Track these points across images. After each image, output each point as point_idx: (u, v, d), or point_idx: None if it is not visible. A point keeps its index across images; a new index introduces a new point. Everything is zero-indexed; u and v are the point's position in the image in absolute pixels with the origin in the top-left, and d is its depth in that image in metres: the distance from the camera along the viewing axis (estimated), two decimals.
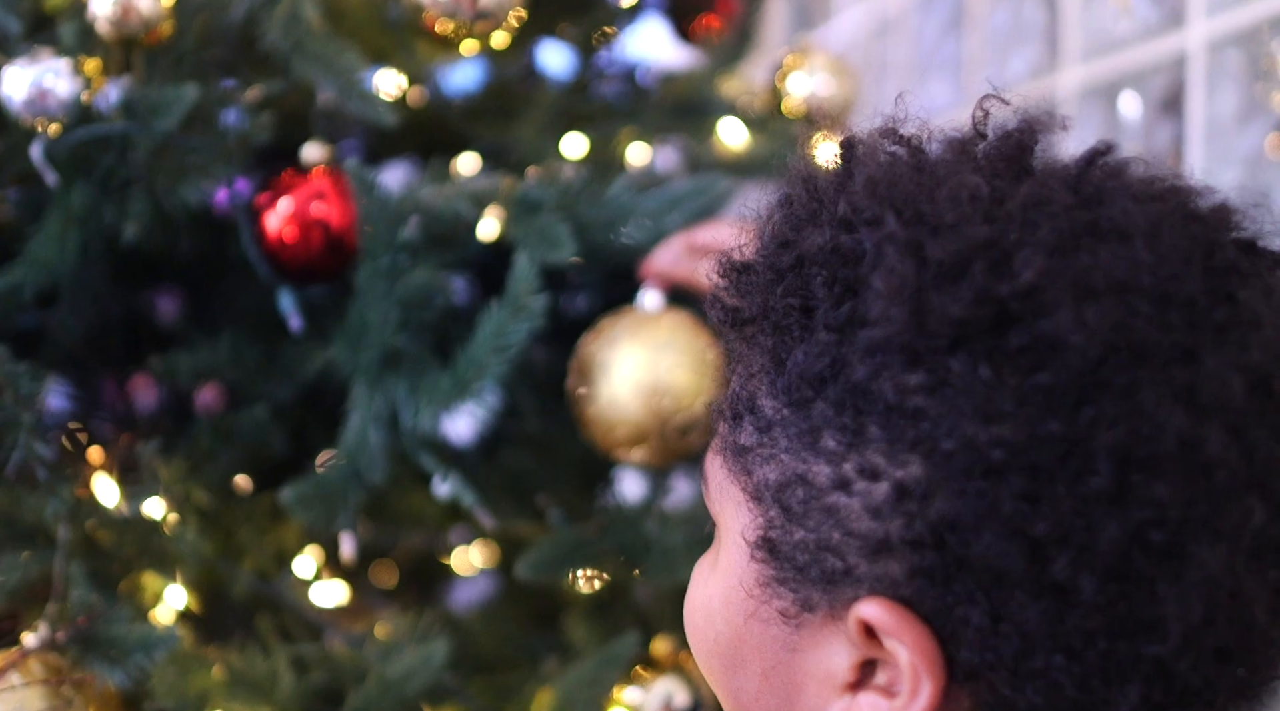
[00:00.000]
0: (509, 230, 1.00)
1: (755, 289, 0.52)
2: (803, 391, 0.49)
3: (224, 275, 1.12)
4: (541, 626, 1.36)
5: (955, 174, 0.49)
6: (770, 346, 0.51)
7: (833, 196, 0.50)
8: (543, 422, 1.10)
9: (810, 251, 0.49)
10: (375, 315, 0.90)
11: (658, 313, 0.96)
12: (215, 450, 1.00)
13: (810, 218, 0.51)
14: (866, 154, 0.52)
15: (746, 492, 0.53)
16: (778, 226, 0.52)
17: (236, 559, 1.06)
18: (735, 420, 0.53)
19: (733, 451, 0.53)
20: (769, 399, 0.51)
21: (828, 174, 0.52)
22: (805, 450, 0.49)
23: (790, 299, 0.50)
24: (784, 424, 0.50)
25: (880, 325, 0.45)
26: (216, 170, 0.91)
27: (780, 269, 0.51)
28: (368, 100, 0.96)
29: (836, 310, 0.48)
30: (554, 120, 1.21)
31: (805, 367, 0.48)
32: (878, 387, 0.46)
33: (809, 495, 0.49)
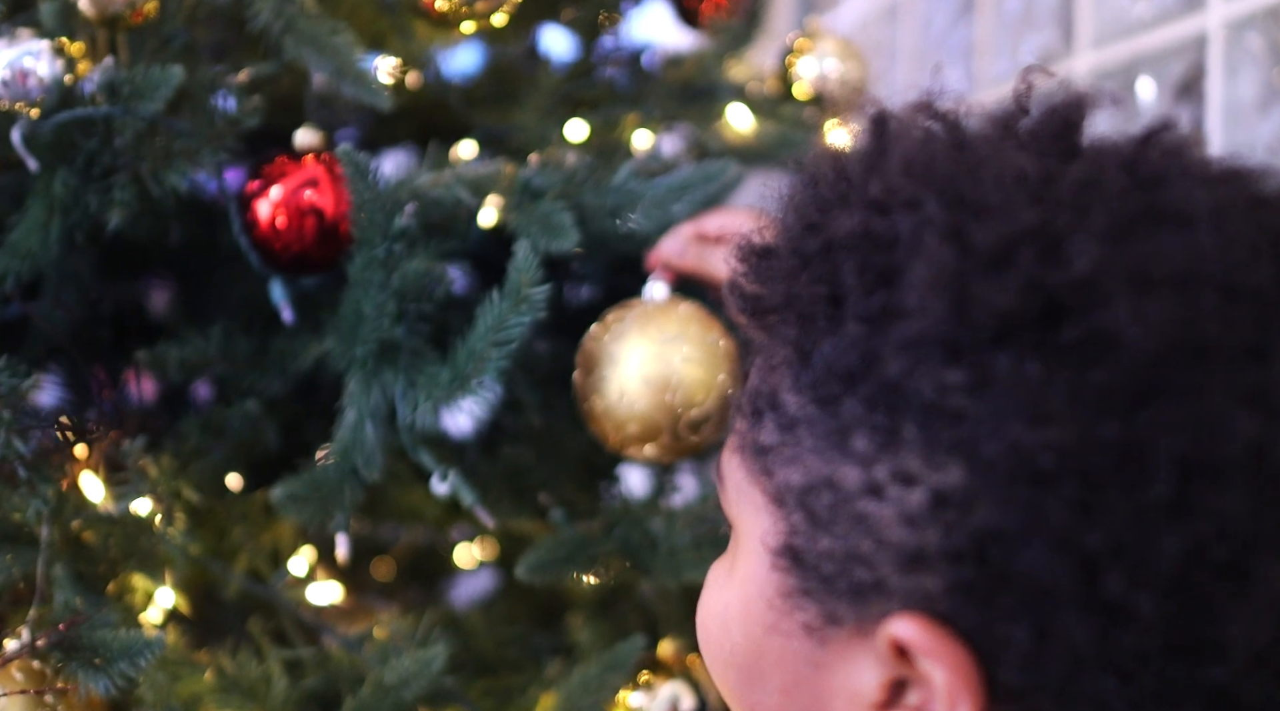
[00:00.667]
0: (509, 218, 0.96)
1: (778, 275, 0.49)
2: (830, 387, 0.45)
3: (216, 265, 1.09)
4: (544, 625, 1.33)
5: (999, 152, 0.45)
6: (794, 337, 0.47)
7: (863, 176, 0.47)
8: (545, 417, 1.07)
9: (839, 236, 0.46)
10: (370, 306, 0.86)
11: (666, 304, 0.93)
12: (205, 446, 0.96)
13: (839, 199, 0.47)
14: (900, 130, 0.48)
15: (767, 495, 0.49)
16: (803, 209, 0.49)
17: (229, 559, 1.03)
18: (755, 417, 0.50)
19: (752, 450, 0.50)
20: (792, 394, 0.47)
21: (857, 152, 0.49)
22: (833, 451, 0.45)
23: (816, 286, 0.46)
24: (809, 422, 0.46)
25: (917, 317, 0.42)
26: (204, 156, 0.87)
27: (806, 254, 0.47)
28: (363, 83, 0.92)
29: (868, 300, 0.44)
30: (556, 105, 1.18)
31: (833, 362, 0.45)
32: (914, 385, 0.42)
33: (836, 500, 0.45)
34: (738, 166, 0.97)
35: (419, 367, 0.90)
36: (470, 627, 1.21)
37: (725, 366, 0.90)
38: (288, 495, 0.84)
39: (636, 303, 0.94)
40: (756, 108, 1.18)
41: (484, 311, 0.85)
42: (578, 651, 1.12)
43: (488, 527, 0.92)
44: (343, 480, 0.89)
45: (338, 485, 0.88)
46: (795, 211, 0.49)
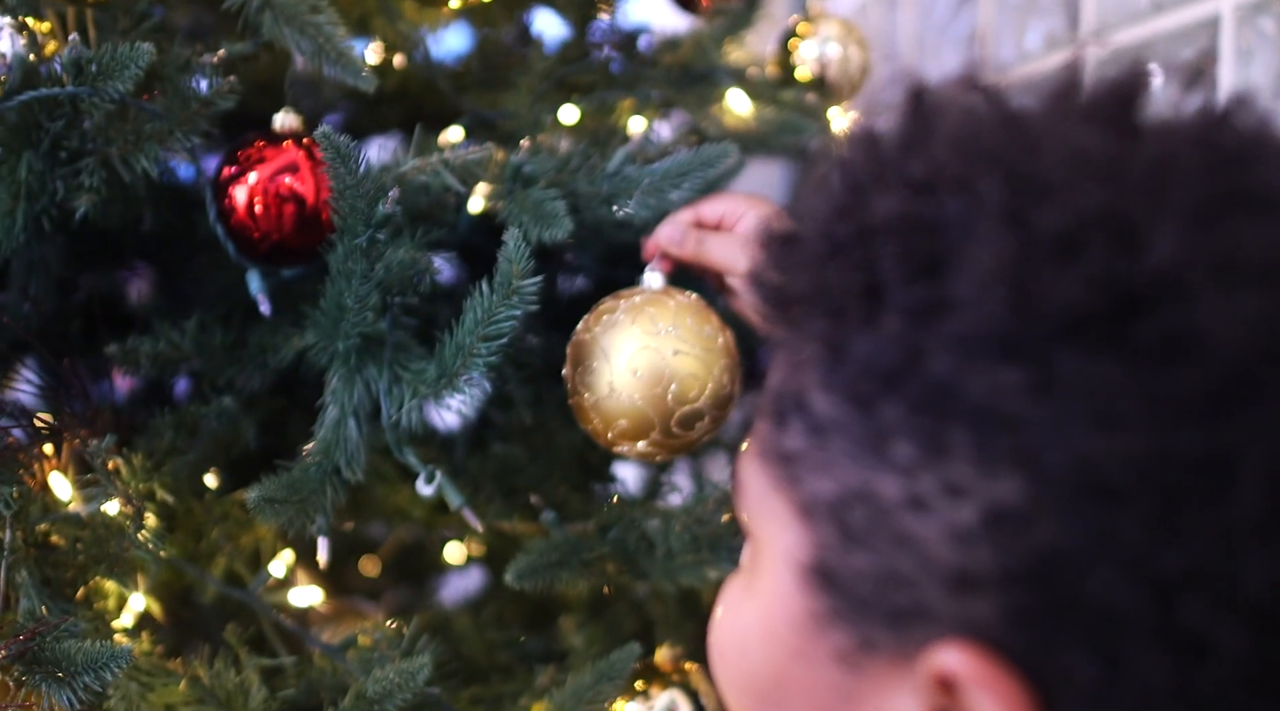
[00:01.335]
0: (499, 205, 0.92)
1: (804, 264, 0.44)
2: (866, 387, 0.41)
3: (193, 255, 1.04)
4: (535, 628, 1.29)
5: (1057, 128, 0.41)
6: (823, 331, 0.43)
7: (902, 155, 0.42)
8: (536, 414, 1.02)
9: (876, 220, 0.41)
10: (352, 298, 0.82)
11: (660, 294, 0.88)
12: (179, 444, 0.91)
13: (875, 180, 0.42)
14: (941, 105, 0.44)
15: (794, 506, 0.44)
16: (832, 192, 0.44)
17: (205, 562, 0.98)
18: (779, 419, 0.45)
19: (776, 456, 0.45)
20: (822, 394, 0.43)
21: (893, 129, 0.44)
22: (869, 458, 0.41)
23: (849, 276, 0.41)
24: (842, 426, 0.42)
25: (970, 309, 0.37)
26: (177, 139, 0.82)
27: (837, 240, 0.42)
28: (346, 63, 0.87)
29: (911, 290, 0.39)
30: (549, 89, 1.13)
31: (870, 359, 0.40)
32: (965, 386, 0.38)
33: (874, 514, 0.41)
34: (738, 151, 0.92)
35: (404, 363, 0.86)
36: (459, 631, 1.16)
37: (722, 360, 0.86)
38: (264, 498, 0.79)
39: (629, 292, 0.90)
40: (756, 92, 1.14)
41: (472, 304, 0.81)
42: (571, 657, 1.08)
43: (476, 531, 0.88)
44: (323, 481, 0.85)
45: (318, 487, 0.84)
46: (823, 194, 0.45)
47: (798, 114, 1.09)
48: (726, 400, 0.87)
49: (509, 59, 1.20)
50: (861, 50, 1.20)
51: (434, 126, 1.09)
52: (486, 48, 1.21)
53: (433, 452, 1.01)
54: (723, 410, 0.88)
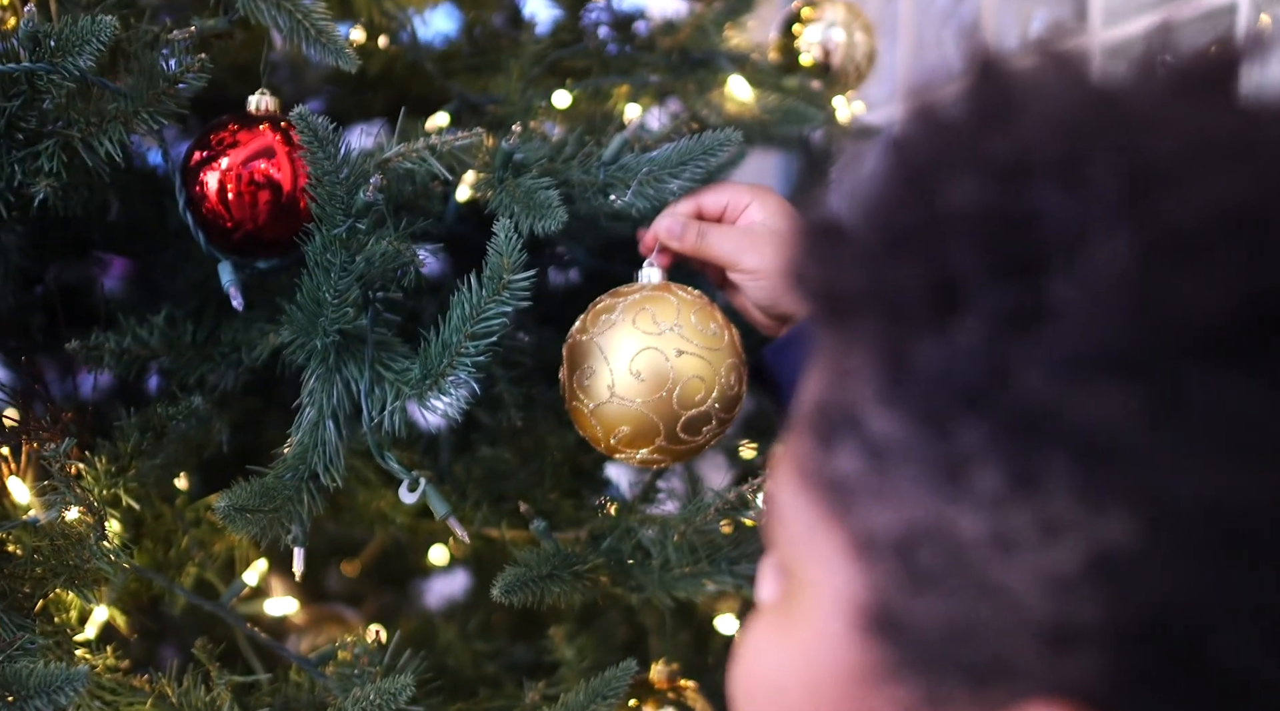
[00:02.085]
0: (488, 194, 0.87)
1: (857, 258, 0.38)
2: (940, 405, 0.35)
3: (164, 245, 0.99)
4: (524, 637, 1.23)
5: (1169, 105, 0.35)
6: (881, 337, 0.37)
7: (979, 134, 0.36)
8: (525, 415, 0.97)
9: (949, 209, 0.35)
10: (331, 292, 0.76)
11: (661, 290, 0.83)
12: (146, 447, 0.86)
13: (945, 163, 0.36)
14: (1025, 78, 0.38)
15: (846, 542, 0.38)
16: (890, 175, 0.38)
17: (175, 571, 0.93)
18: (826, 437, 0.39)
19: (824, 481, 0.39)
20: (882, 411, 0.37)
21: (963, 105, 0.38)
22: (944, 489, 0.35)
23: (915, 272, 0.36)
24: (908, 449, 0.36)
25: (1078, 318, 0.32)
26: (144, 120, 0.77)
27: (898, 232, 0.37)
28: (326, 41, 0.82)
29: (998, 292, 0.34)
30: (541, 74, 1.08)
31: (945, 371, 0.35)
32: (1069, 407, 0.32)
33: (948, 554, 0.35)
34: (741, 138, 0.87)
35: (386, 362, 0.81)
36: (443, 642, 1.11)
37: (728, 359, 0.81)
38: (234, 507, 0.74)
39: (627, 289, 0.84)
40: (758, 78, 1.09)
41: (460, 299, 0.76)
42: (562, 669, 1.03)
43: (463, 541, 0.82)
44: (299, 488, 0.79)
45: (294, 494, 0.79)
46: (877, 179, 0.39)
47: (802, 101, 1.04)
48: (734, 402, 0.82)
49: (499, 42, 1.15)
50: (867, 36, 1.15)
51: (420, 112, 1.03)
52: (475, 29, 1.16)
53: (416, 456, 0.96)
54: (730, 413, 0.83)
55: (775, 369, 0.86)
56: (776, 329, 0.88)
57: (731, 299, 0.90)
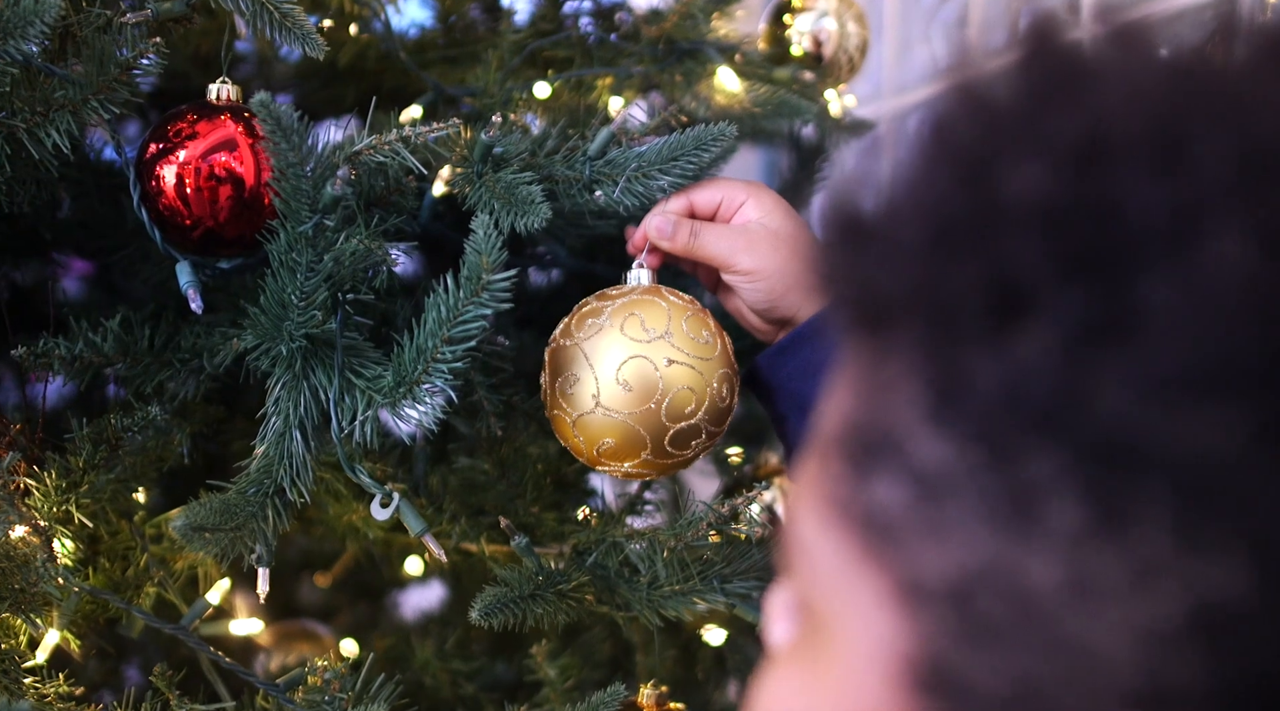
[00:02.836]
0: (466, 189, 0.82)
1: (900, 257, 0.33)
2: (1002, 427, 0.30)
3: (123, 244, 0.93)
4: (504, 654, 1.18)
5: (1256, 86, 0.30)
6: (930, 348, 0.32)
7: (1040, 113, 0.32)
8: (506, 423, 0.92)
9: (1013, 200, 0.30)
10: (297, 294, 0.71)
11: (650, 293, 0.78)
12: (99, 460, 0.80)
13: (1001, 147, 0.31)
14: (1085, 50, 0.33)
15: (889, 585, 0.33)
16: (933, 165, 0.33)
17: (133, 591, 0.87)
18: (860, 462, 0.34)
19: (859, 514, 0.34)
20: (930, 433, 0.31)
21: (1019, 82, 0.33)
22: (1008, 525, 0.30)
23: (967, 272, 0.31)
24: (962, 478, 0.31)
25: (1176, 327, 0.27)
26: (94, 109, 0.71)
27: (950, 227, 0.32)
28: (292, 26, 0.77)
29: (1074, 297, 0.29)
30: (520, 64, 1.03)
31: (1009, 389, 0.30)
32: (1164, 433, 0.28)
33: (1015, 602, 0.30)
34: (735, 132, 0.82)
35: (357, 368, 0.75)
36: (419, 661, 1.06)
37: (719, 369, 0.76)
38: (193, 526, 0.68)
39: (614, 292, 0.79)
40: (748, 69, 1.04)
41: (436, 301, 0.70)
42: (545, 690, 0.98)
43: (440, 559, 0.77)
44: (264, 504, 0.74)
45: (258, 511, 0.73)
46: (922, 168, 0.34)
47: (794, 93, 0.99)
48: (724, 415, 0.78)
49: (476, 31, 1.10)
50: (860, 26, 1.10)
51: (393, 104, 0.98)
52: (451, 18, 1.11)
53: (389, 467, 0.90)
54: (720, 426, 0.78)
55: (770, 376, 0.81)
56: (773, 333, 0.83)
57: (725, 301, 0.86)
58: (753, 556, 0.84)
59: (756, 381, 0.83)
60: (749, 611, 0.84)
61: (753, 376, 0.83)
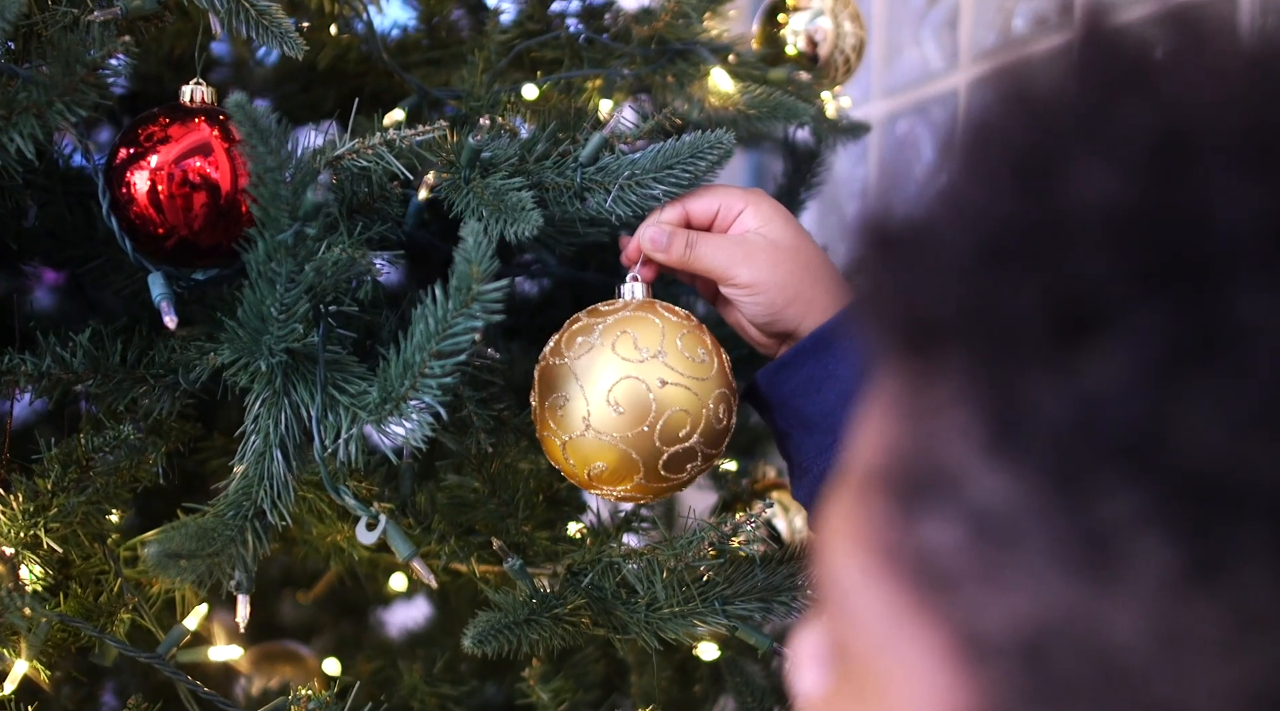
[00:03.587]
0: (453, 196, 0.78)
1: (950, 272, 0.29)
2: (1074, 462, 0.27)
3: (94, 254, 0.89)
4: (494, 676, 1.15)
5: None
6: (986, 372, 0.29)
7: (1105, 112, 0.28)
8: (496, 439, 0.88)
9: (1080, 206, 0.27)
10: (276, 306, 0.67)
11: (644, 309, 0.75)
12: (70, 482, 0.76)
13: (1062, 149, 0.28)
14: (1148, 43, 0.30)
15: (946, 638, 0.30)
16: (984, 170, 0.30)
17: (106, 618, 0.83)
18: (908, 501, 0.30)
19: (908, 559, 0.30)
20: (989, 468, 0.28)
21: (1078, 79, 0.30)
22: (1084, 573, 0.27)
23: (1031, 287, 0.27)
24: (1029, 520, 0.27)
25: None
26: (59, 112, 0.67)
27: (1006, 238, 0.28)
28: (269, 25, 0.73)
29: (1153, 313, 0.26)
30: (507, 65, 0.99)
31: (1081, 418, 0.26)
32: (1267, 473, 0.24)
33: (1093, 659, 0.27)
34: (734, 139, 0.79)
35: (340, 384, 0.72)
36: (407, 686, 1.02)
37: (716, 389, 0.73)
38: (167, 553, 0.64)
39: (606, 308, 0.76)
40: (742, 70, 1.01)
41: (423, 313, 0.67)
42: None
43: (429, 584, 0.73)
44: (243, 527, 0.70)
45: (237, 535, 0.69)
46: (969, 174, 0.30)
47: (791, 95, 0.96)
48: (721, 437, 0.74)
49: (460, 32, 1.06)
50: (856, 25, 1.07)
51: (375, 108, 0.95)
52: (434, 19, 1.07)
53: (375, 485, 0.87)
54: (716, 448, 0.75)
55: (771, 393, 0.78)
56: (774, 347, 0.80)
57: (724, 314, 0.82)
58: (755, 576, 0.81)
59: (756, 397, 0.79)
60: (751, 634, 0.81)
61: (752, 392, 0.80)
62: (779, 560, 0.84)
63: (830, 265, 0.78)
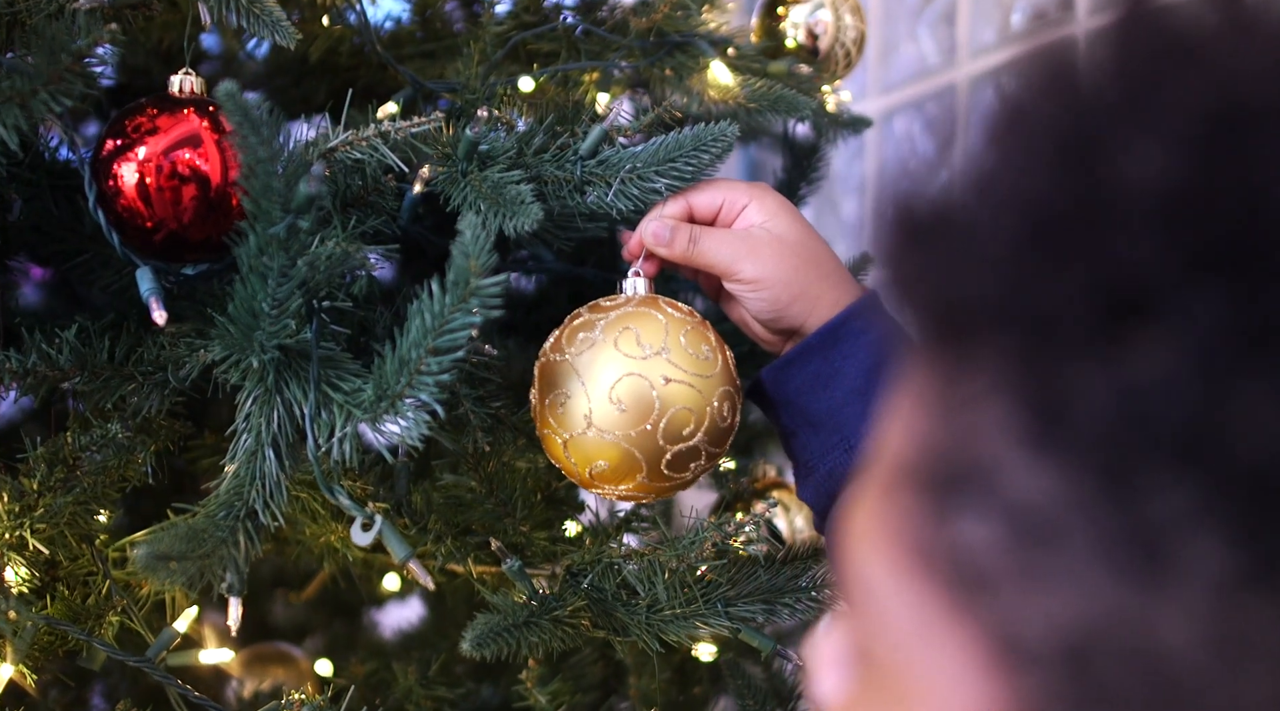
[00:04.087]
0: (449, 189, 0.76)
1: (990, 257, 0.28)
2: (1122, 455, 0.25)
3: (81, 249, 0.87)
4: (490, 678, 1.13)
5: None
6: (1026, 360, 0.27)
7: (1149, 89, 0.27)
8: (493, 437, 0.86)
9: (1127, 186, 0.25)
10: (268, 302, 0.65)
11: (647, 305, 0.73)
12: (57, 482, 0.74)
13: (1107, 128, 0.27)
14: (1188, 19, 0.28)
15: (980, 639, 0.28)
16: (1023, 151, 0.28)
17: (95, 621, 0.81)
18: (941, 498, 0.29)
19: (942, 558, 0.29)
20: (1030, 462, 0.26)
21: (1117, 57, 0.28)
22: (1133, 573, 0.25)
23: (1077, 272, 0.26)
24: (1074, 517, 0.26)
25: None
26: (44, 102, 0.65)
27: (1049, 221, 0.27)
28: (259, 13, 0.71)
29: (1209, 298, 0.24)
30: (503, 58, 0.98)
31: (1130, 410, 0.25)
32: None
33: (1143, 663, 0.25)
34: (737, 132, 0.77)
35: (334, 381, 0.70)
36: (402, 689, 1.00)
37: (720, 387, 0.72)
38: (156, 555, 0.63)
39: (608, 303, 0.74)
40: (741, 62, 0.99)
41: (419, 308, 0.65)
42: None
43: (426, 586, 0.72)
44: (234, 528, 0.68)
45: (228, 536, 0.68)
46: (1007, 154, 0.29)
47: (792, 89, 0.94)
48: (725, 435, 0.73)
49: (454, 24, 1.04)
50: (857, 18, 1.05)
51: (368, 101, 0.93)
52: (428, 11, 1.05)
53: (369, 484, 0.85)
54: (720, 447, 0.73)
55: (776, 390, 0.76)
56: (779, 344, 0.78)
57: (728, 310, 0.81)
58: (758, 577, 0.79)
59: (760, 395, 0.78)
60: (755, 637, 0.80)
61: (756, 389, 0.78)
62: (782, 560, 0.82)
63: (836, 260, 0.76)
